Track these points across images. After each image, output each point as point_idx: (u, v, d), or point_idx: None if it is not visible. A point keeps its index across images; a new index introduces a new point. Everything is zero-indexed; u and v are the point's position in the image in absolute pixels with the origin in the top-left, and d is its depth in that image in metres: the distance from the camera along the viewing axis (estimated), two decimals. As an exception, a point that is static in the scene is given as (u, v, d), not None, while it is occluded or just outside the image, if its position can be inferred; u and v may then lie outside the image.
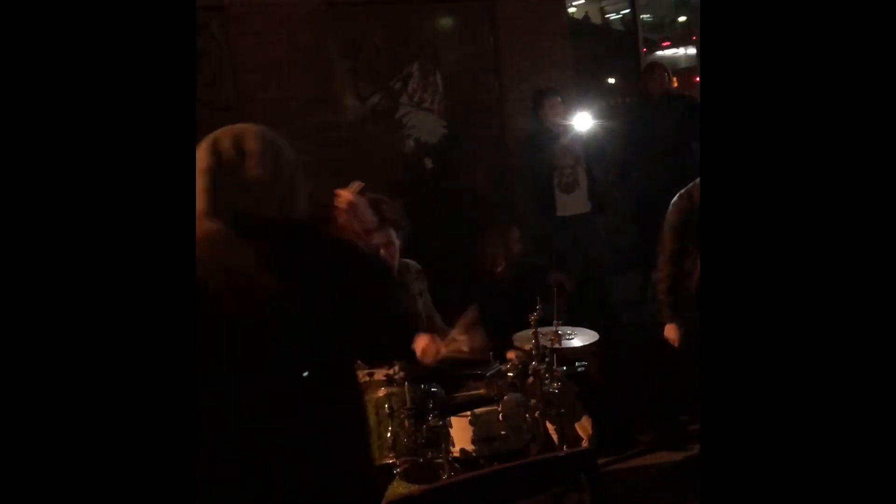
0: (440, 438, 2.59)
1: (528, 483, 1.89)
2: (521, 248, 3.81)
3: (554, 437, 2.81)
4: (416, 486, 2.38)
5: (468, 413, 2.67)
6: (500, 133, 5.74)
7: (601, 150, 5.09)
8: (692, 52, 8.29)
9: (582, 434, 3.04)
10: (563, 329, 2.94)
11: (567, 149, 4.83)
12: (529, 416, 2.71)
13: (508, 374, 2.83)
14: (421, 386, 2.85)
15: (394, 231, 3.03)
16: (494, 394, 2.86)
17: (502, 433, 2.65)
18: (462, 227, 4.91)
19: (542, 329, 2.82)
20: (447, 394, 3.01)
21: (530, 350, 2.79)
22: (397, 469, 2.55)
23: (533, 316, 2.77)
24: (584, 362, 3.01)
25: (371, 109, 5.36)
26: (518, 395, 2.81)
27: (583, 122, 4.97)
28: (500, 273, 3.71)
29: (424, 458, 2.60)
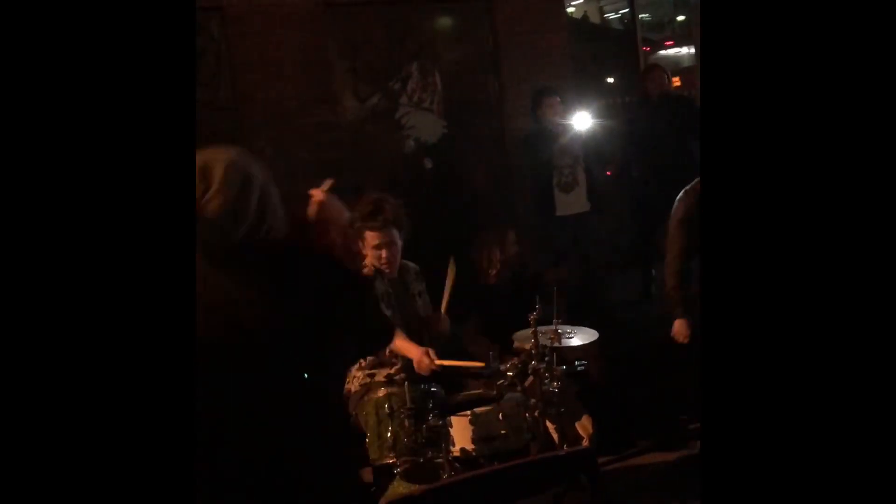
0: (440, 438, 2.59)
1: (528, 483, 1.88)
2: (518, 250, 3.80)
3: (554, 436, 2.81)
4: (416, 485, 2.38)
5: (468, 413, 2.67)
6: (499, 133, 5.74)
7: (600, 148, 5.09)
8: (695, 51, 8.29)
9: (582, 433, 3.03)
10: (562, 328, 2.93)
11: (566, 148, 4.83)
12: (529, 415, 2.71)
13: (508, 373, 2.83)
14: (421, 386, 2.86)
15: (396, 231, 3.03)
16: (494, 393, 2.86)
17: (502, 433, 2.65)
18: (462, 227, 4.91)
19: (541, 328, 2.81)
20: (447, 394, 3.01)
21: (530, 349, 2.79)
22: (397, 469, 2.56)
23: (532, 315, 2.76)
24: (584, 361, 3.01)
25: (370, 109, 5.36)
26: (518, 394, 2.81)
27: (582, 121, 4.98)
28: (495, 276, 3.70)
29: (424, 458, 2.60)
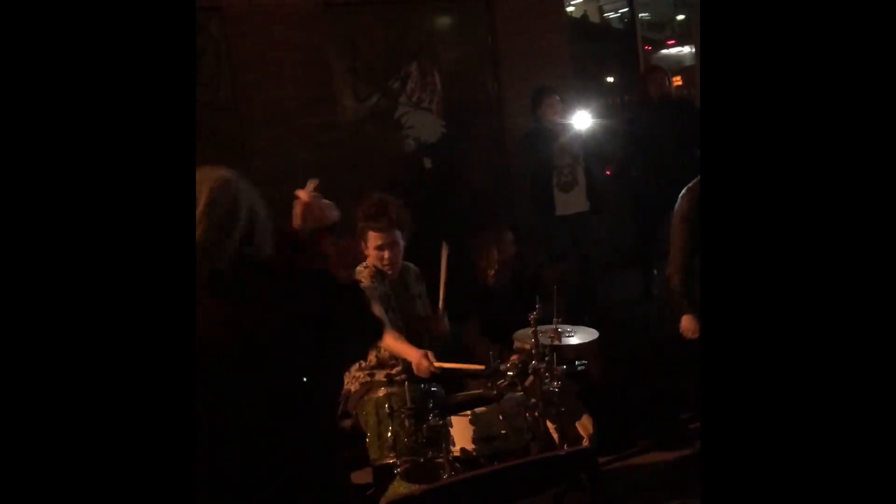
0: (440, 438, 2.59)
1: (528, 482, 1.88)
2: (516, 250, 3.79)
3: (554, 436, 2.81)
4: (416, 485, 2.37)
5: (468, 412, 2.66)
6: (498, 132, 5.74)
7: (600, 148, 5.09)
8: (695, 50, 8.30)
9: (582, 433, 3.03)
10: (562, 327, 2.93)
11: (566, 147, 4.82)
12: (529, 415, 2.71)
13: (508, 373, 2.82)
14: (421, 386, 2.86)
15: (399, 232, 3.04)
16: (494, 393, 2.86)
17: (502, 432, 2.65)
18: (462, 226, 4.91)
19: (541, 328, 2.81)
20: (447, 393, 3.01)
21: (530, 349, 2.79)
22: (397, 469, 2.55)
23: (532, 315, 2.76)
24: (585, 361, 3.01)
25: (370, 109, 5.36)
26: (518, 394, 2.81)
27: (581, 120, 4.97)
28: (494, 276, 3.70)
29: (424, 458, 2.60)
